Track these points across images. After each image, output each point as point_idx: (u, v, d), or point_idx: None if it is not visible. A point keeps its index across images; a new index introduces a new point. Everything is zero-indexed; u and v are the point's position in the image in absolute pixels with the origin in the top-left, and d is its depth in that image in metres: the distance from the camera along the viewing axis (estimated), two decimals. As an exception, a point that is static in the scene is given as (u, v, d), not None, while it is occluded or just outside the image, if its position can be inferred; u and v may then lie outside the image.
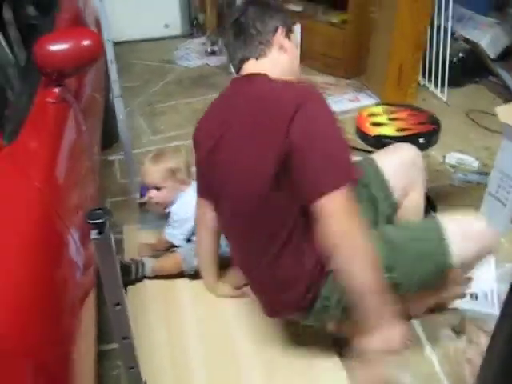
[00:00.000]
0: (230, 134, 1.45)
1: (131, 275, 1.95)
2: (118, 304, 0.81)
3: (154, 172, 1.99)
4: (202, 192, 1.72)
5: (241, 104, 1.44)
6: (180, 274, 2.00)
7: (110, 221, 0.74)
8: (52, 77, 1.51)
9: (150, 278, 2.00)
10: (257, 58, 1.47)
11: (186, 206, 1.96)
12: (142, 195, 2.24)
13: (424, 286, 1.47)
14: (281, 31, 1.48)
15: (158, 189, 2.01)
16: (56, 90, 1.53)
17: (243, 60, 1.48)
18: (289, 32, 1.51)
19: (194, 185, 1.97)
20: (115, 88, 1.99)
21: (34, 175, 1.20)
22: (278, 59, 1.49)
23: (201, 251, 1.87)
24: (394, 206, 1.72)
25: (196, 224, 1.84)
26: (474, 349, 1.70)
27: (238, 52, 1.49)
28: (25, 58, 1.66)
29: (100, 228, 0.74)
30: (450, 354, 1.74)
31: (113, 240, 0.76)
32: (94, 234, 0.74)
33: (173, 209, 2.04)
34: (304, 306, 1.47)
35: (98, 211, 0.74)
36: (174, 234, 2.04)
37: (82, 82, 1.95)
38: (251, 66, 1.47)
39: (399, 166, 1.73)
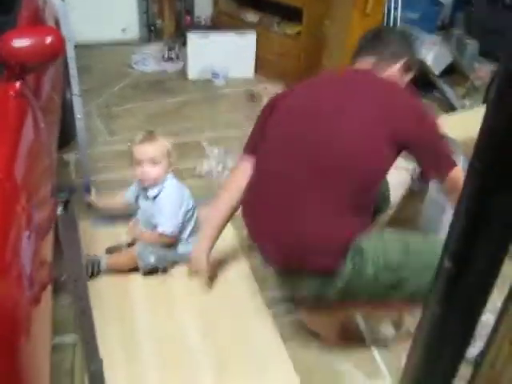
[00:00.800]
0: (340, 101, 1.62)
1: (88, 272, 1.98)
2: (77, 279, 0.87)
3: (152, 148, 2.01)
4: (252, 149, 1.82)
5: (360, 84, 1.66)
6: (134, 270, 2.06)
7: (73, 198, 0.81)
8: (14, 71, 1.55)
9: (105, 273, 2.04)
10: (372, 63, 1.72)
11: (175, 192, 2.05)
12: (88, 192, 2.29)
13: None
14: (402, 63, 1.73)
15: (154, 163, 2.02)
16: (17, 84, 1.58)
17: (362, 57, 1.75)
18: (408, 69, 1.76)
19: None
20: (74, 85, 2.03)
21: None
22: (384, 75, 1.71)
23: (219, 207, 1.90)
24: None
25: (230, 177, 1.96)
26: (412, 341, 1.81)
27: (362, 50, 1.77)
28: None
29: (65, 204, 0.80)
30: (391, 347, 1.85)
31: (76, 216, 0.82)
32: (59, 210, 0.80)
33: (162, 196, 2.04)
34: (330, 267, 1.54)
35: (65, 189, 0.80)
36: (172, 223, 2.03)
37: (41, 81, 1.98)
38: (363, 64, 1.74)
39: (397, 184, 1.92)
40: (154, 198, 2.05)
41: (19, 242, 1.20)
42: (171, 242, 2.06)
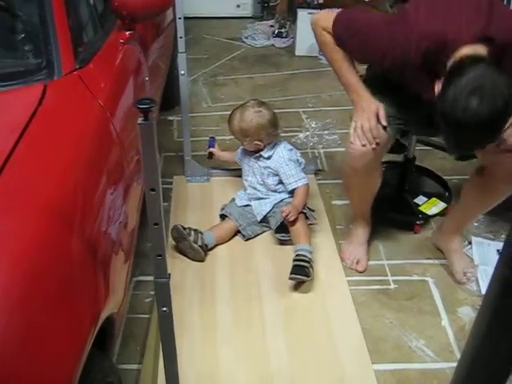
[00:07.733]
0: None
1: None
2: (153, 189, 0.94)
3: (243, 126, 2.09)
4: None
5: None
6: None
7: (154, 109, 0.88)
8: (125, 20, 1.68)
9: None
10: None
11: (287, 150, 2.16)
12: (209, 146, 2.38)
13: None
14: None
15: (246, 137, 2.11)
16: (127, 32, 1.72)
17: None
18: None
19: None
20: (180, 44, 2.14)
21: (99, 96, 1.37)
22: None
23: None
24: None
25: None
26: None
27: None
28: (103, 5, 1.82)
29: (146, 114, 0.87)
30: (466, 328, 1.80)
31: (155, 126, 0.89)
32: (140, 120, 0.88)
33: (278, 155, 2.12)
34: None
35: (146, 100, 0.87)
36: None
37: (150, 48, 2.15)
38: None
39: None
40: (268, 157, 2.12)
41: (113, 155, 1.38)
42: None
